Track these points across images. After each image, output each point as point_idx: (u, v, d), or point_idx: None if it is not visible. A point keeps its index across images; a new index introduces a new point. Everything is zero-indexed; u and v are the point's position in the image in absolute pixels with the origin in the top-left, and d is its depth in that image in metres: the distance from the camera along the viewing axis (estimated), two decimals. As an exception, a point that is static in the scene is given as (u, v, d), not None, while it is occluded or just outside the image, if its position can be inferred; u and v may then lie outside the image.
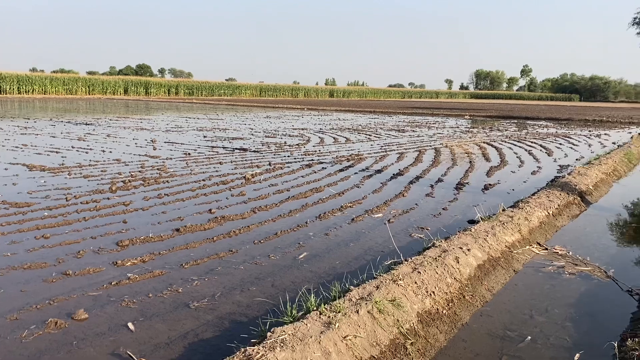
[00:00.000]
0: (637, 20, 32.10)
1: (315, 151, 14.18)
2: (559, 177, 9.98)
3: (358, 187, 9.10)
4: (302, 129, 22.01)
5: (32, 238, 5.64)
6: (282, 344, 3.01)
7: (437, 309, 4.06)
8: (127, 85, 76.85)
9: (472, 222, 6.63)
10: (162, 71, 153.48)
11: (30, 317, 3.82)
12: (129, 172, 9.86)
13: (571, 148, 16.96)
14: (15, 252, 5.18)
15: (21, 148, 13.23)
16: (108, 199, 7.62)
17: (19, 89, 64.50)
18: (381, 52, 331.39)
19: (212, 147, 14.58)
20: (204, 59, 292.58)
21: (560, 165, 12.56)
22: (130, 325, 3.74)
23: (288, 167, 11.15)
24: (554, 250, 5.88)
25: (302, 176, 10.02)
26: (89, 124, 21.71)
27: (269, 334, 3.16)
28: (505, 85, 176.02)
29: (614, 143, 18.63)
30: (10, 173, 9.56)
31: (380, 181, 9.69)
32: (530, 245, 5.99)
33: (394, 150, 15.02)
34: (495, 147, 16.33)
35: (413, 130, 22.87)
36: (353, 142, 17.00)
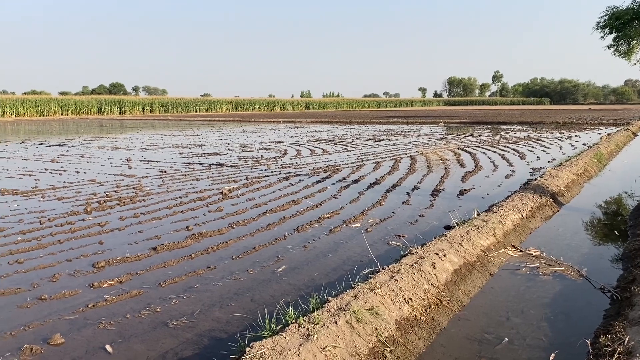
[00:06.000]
0: (601, 24, 33.11)
1: (292, 164, 14.22)
2: (532, 179, 10.18)
3: (335, 197, 9.15)
4: (279, 142, 22.04)
5: (5, 264, 5.55)
6: (260, 359, 3.02)
7: (415, 316, 4.10)
8: (101, 104, 75.81)
9: (448, 227, 6.72)
10: (136, 89, 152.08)
11: (5, 344, 3.75)
12: (104, 193, 9.76)
13: (543, 151, 17.30)
14: (-12, 279, 5.09)
15: (-8, 172, 13.00)
16: (83, 220, 7.53)
17: (-12, 113, 63.26)
18: (355, 63, 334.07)
19: (189, 163, 14.51)
20: (179, 76, 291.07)
21: (532, 168, 12.79)
22: (108, 347, 3.70)
23: (265, 180, 11.16)
24: (529, 252, 5.99)
25: (280, 189, 10.04)
26: (62, 145, 21.40)
27: (247, 349, 3.16)
28: (477, 91, 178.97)
29: (584, 144, 19.05)
30: (-18, 198, 9.39)
31: (357, 191, 9.76)
32: (505, 248, 6.10)
33: (371, 159, 15.13)
34: (470, 153, 16.57)
35: (389, 139, 23.08)
36: (330, 153, 17.08)
